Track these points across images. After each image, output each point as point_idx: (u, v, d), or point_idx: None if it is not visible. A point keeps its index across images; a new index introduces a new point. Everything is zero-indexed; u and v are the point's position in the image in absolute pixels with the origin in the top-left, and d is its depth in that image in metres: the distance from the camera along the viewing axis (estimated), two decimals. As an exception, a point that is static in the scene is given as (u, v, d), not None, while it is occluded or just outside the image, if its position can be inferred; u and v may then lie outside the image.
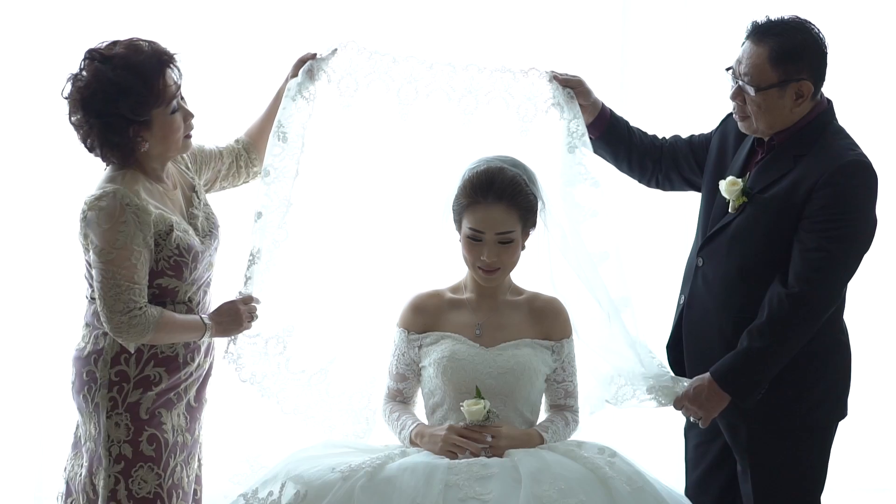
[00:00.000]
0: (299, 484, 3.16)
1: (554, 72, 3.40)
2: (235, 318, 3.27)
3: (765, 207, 3.25)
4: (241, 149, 3.47)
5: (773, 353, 3.21)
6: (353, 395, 3.49)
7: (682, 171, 3.55)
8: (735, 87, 3.27)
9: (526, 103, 3.34)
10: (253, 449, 3.45)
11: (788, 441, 3.29)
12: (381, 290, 3.54)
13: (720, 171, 3.41)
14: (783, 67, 3.19)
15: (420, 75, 3.30)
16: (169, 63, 3.15)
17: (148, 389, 3.17)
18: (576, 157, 3.34)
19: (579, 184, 3.33)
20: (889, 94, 4.52)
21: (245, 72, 4.30)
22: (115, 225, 3.07)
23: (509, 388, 3.34)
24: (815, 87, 3.24)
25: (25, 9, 4.29)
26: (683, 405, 3.32)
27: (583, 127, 3.37)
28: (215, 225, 3.33)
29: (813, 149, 3.24)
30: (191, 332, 3.20)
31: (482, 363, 3.35)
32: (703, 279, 3.37)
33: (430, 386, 3.40)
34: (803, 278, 3.19)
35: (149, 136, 3.14)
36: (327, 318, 3.48)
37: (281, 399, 3.41)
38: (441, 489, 3.09)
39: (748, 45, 3.24)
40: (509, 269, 3.39)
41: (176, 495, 3.20)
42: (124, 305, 3.08)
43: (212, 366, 3.34)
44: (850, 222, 3.19)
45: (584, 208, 3.34)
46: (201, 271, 3.24)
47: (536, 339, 3.41)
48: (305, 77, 3.34)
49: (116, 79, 3.07)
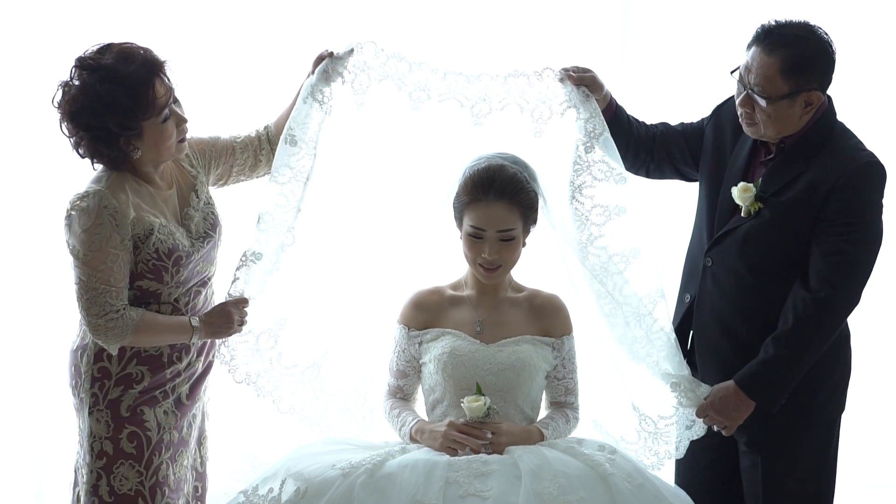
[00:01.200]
0: (299, 481, 3.16)
1: (566, 70, 3.35)
2: (226, 321, 3.22)
3: (781, 211, 3.24)
4: (266, 140, 3.40)
5: (801, 359, 3.21)
6: (348, 393, 3.48)
7: (675, 163, 3.53)
8: (744, 94, 3.24)
9: (541, 106, 3.28)
10: (253, 446, 3.44)
11: (802, 435, 3.29)
12: (376, 285, 3.52)
13: (719, 167, 3.40)
14: (794, 79, 3.17)
15: (434, 84, 3.25)
16: (158, 72, 3.10)
17: (129, 387, 3.16)
18: (595, 155, 3.28)
19: (601, 182, 3.28)
20: (884, 90, 4.51)
21: (253, 65, 4.29)
22: (91, 227, 3.05)
23: (509, 385, 3.34)
24: (823, 95, 3.23)
25: (23, 8, 4.28)
26: (708, 415, 3.29)
27: (601, 125, 3.30)
28: (214, 225, 3.29)
29: (823, 149, 3.24)
30: (176, 334, 3.17)
31: (482, 360, 3.35)
32: (713, 280, 3.35)
33: (431, 382, 3.40)
34: (827, 282, 3.18)
35: (140, 145, 3.11)
36: (320, 312, 3.45)
37: (276, 398, 3.40)
38: (441, 486, 3.09)
39: (758, 53, 3.19)
40: (510, 267, 3.38)
41: (160, 493, 3.17)
42: (100, 308, 3.07)
43: (211, 364, 3.32)
44: (869, 223, 3.21)
45: (609, 207, 3.28)
46: (189, 274, 3.21)
47: (537, 335, 3.41)
48: (320, 78, 3.28)
49: (103, 93, 3.03)
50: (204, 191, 3.30)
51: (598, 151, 3.28)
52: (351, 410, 3.49)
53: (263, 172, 3.42)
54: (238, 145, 3.38)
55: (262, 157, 3.40)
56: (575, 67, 3.36)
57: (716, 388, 3.28)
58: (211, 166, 3.34)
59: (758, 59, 3.19)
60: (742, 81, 3.24)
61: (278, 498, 3.16)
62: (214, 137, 3.37)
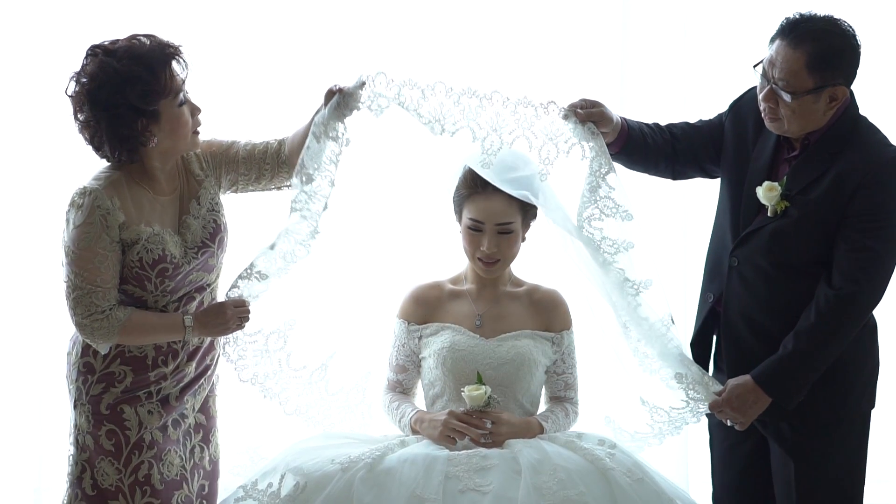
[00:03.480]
0: (299, 475, 3.16)
1: (573, 107, 3.26)
2: (222, 321, 3.19)
3: (808, 208, 3.19)
4: (274, 156, 3.30)
5: (822, 355, 3.18)
6: (349, 392, 3.48)
7: (700, 161, 3.46)
8: (767, 89, 3.17)
9: (548, 144, 3.22)
10: (253, 440, 3.44)
11: (837, 432, 3.25)
12: (380, 283, 3.54)
13: (740, 164, 3.34)
14: (820, 74, 3.11)
15: (447, 112, 3.18)
16: (174, 55, 3.11)
17: (111, 385, 3.15)
18: (602, 191, 3.23)
19: (608, 218, 3.23)
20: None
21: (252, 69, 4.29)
22: (83, 224, 3.05)
23: (509, 380, 3.34)
24: (847, 90, 3.18)
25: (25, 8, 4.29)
26: (722, 410, 3.26)
27: (607, 163, 3.24)
28: (214, 234, 3.24)
29: (848, 145, 3.19)
30: (168, 333, 3.15)
31: (482, 354, 3.35)
32: (741, 279, 3.29)
33: (430, 377, 3.40)
34: (851, 278, 3.14)
35: (157, 130, 3.10)
36: (329, 312, 3.46)
37: (283, 400, 3.39)
38: (441, 480, 3.09)
39: (783, 47, 3.13)
40: (509, 261, 3.39)
41: (141, 492, 3.13)
42: (85, 308, 3.06)
43: (208, 367, 3.28)
44: (894, 220, 3.16)
45: (617, 241, 3.24)
46: (178, 284, 3.17)
47: (536, 330, 3.42)
48: (332, 116, 3.18)
49: (122, 69, 3.04)
50: (207, 197, 3.25)
51: (604, 189, 3.23)
52: (351, 408, 3.49)
53: (272, 187, 3.36)
54: (243, 155, 3.31)
55: (265, 172, 3.32)
56: (582, 102, 3.29)
57: (732, 385, 3.25)
58: (221, 171, 3.31)
59: (782, 53, 3.12)
60: (765, 76, 3.17)
61: (278, 492, 3.17)
62: (229, 142, 3.33)
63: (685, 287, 4.32)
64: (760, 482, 3.38)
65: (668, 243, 4.36)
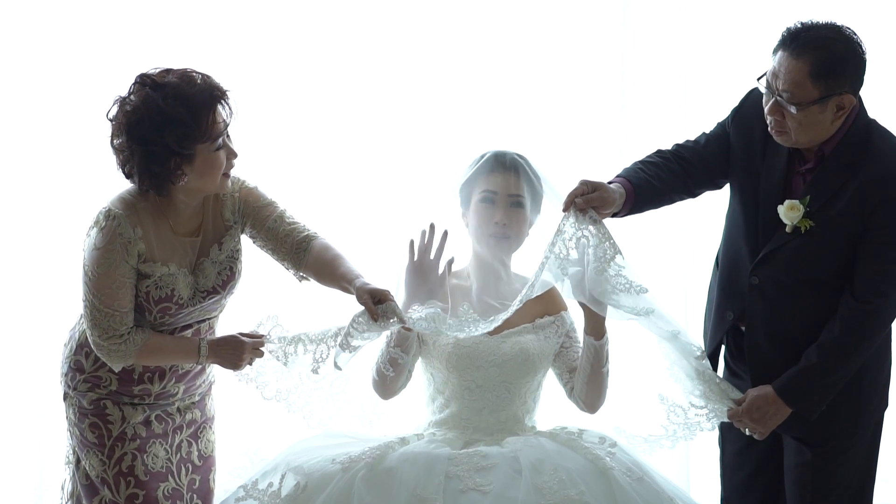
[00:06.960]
0: (299, 475, 3.16)
1: (572, 196, 3.17)
2: (237, 356, 3.18)
3: (831, 224, 3.14)
4: (292, 250, 3.24)
5: (846, 367, 3.16)
6: (364, 401, 3.45)
7: (714, 179, 3.38)
8: (772, 101, 3.10)
9: (559, 242, 3.17)
10: (252, 442, 3.42)
11: (854, 436, 3.24)
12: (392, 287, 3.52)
13: (751, 177, 3.26)
14: (825, 83, 3.05)
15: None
16: (221, 99, 3.07)
17: (97, 387, 3.17)
18: (610, 272, 3.16)
19: (623, 293, 3.17)
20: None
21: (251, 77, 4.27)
22: (104, 248, 3.05)
23: (513, 376, 3.33)
24: (855, 98, 3.12)
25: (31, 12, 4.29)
26: (742, 420, 3.24)
27: (612, 248, 3.15)
28: (227, 282, 3.23)
29: (866, 155, 3.13)
30: (183, 356, 3.16)
31: (486, 351, 3.33)
32: (763, 297, 3.24)
33: (433, 374, 3.38)
34: (876, 290, 3.11)
35: (189, 171, 3.06)
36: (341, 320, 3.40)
37: (307, 414, 3.37)
38: (441, 480, 3.09)
39: (785, 57, 3.07)
40: (518, 241, 3.38)
41: (125, 483, 3.15)
42: (103, 331, 3.07)
43: (199, 387, 3.29)
44: None
45: (636, 308, 3.18)
46: (176, 321, 3.18)
47: (536, 318, 3.40)
48: (344, 351, 3.11)
49: (166, 108, 3.00)
50: (230, 245, 3.23)
51: (613, 269, 3.17)
52: (363, 415, 3.46)
53: (283, 266, 3.30)
54: (269, 225, 3.26)
55: (280, 252, 3.26)
56: (583, 186, 3.19)
57: (753, 396, 3.23)
58: (247, 223, 3.27)
59: (785, 64, 3.06)
60: (770, 88, 3.11)
61: (278, 492, 3.16)
62: (267, 202, 3.27)
63: (686, 289, 4.33)
64: (771, 484, 3.38)
65: (669, 248, 4.36)
